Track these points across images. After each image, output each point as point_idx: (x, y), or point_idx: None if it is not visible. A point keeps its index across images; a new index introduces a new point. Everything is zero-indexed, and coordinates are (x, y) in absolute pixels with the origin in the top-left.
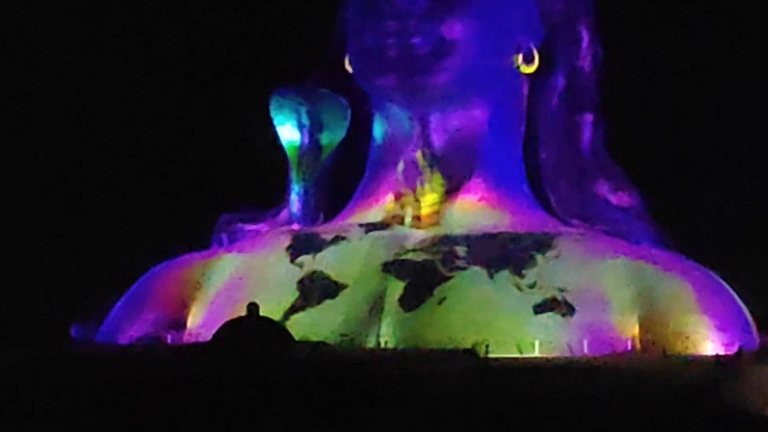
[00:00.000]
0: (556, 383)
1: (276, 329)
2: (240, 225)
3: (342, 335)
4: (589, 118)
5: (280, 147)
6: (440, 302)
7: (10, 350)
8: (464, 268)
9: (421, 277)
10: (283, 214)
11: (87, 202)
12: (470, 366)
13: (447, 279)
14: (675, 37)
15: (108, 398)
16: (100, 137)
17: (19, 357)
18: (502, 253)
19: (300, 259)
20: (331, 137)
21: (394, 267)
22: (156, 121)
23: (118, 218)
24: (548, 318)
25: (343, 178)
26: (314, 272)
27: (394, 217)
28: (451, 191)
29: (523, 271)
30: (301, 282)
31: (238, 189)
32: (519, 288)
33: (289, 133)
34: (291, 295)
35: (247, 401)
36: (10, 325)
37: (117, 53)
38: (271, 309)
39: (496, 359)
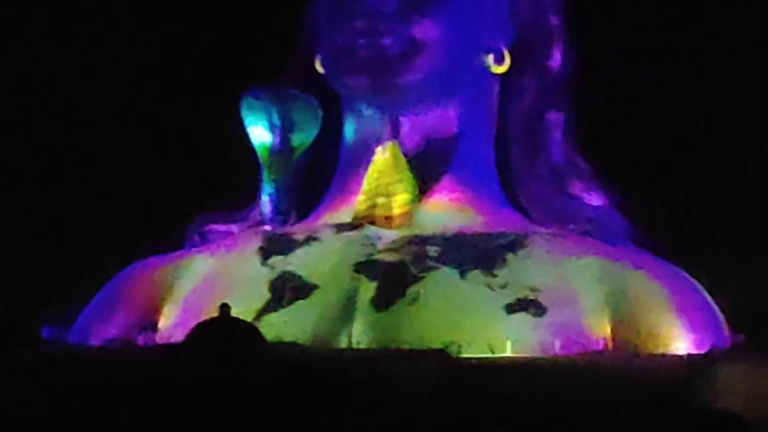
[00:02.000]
0: (528, 383)
1: (248, 330)
2: (212, 226)
3: (314, 336)
4: (560, 117)
5: (252, 148)
6: (412, 302)
7: None
8: (436, 268)
9: (393, 277)
10: (255, 215)
11: (58, 202)
12: (442, 366)
13: (419, 279)
14: (645, 33)
15: (79, 400)
16: (69, 138)
17: None
18: (473, 253)
19: (272, 259)
20: (302, 138)
21: (365, 267)
22: (127, 123)
23: (90, 219)
24: (520, 318)
25: (314, 178)
26: (286, 273)
27: (365, 217)
28: (422, 191)
29: (495, 271)
30: (272, 283)
31: (210, 190)
32: (491, 288)
33: (260, 133)
34: (263, 296)
35: (219, 403)
36: None
37: (90, 57)
38: (243, 310)
39: (468, 359)
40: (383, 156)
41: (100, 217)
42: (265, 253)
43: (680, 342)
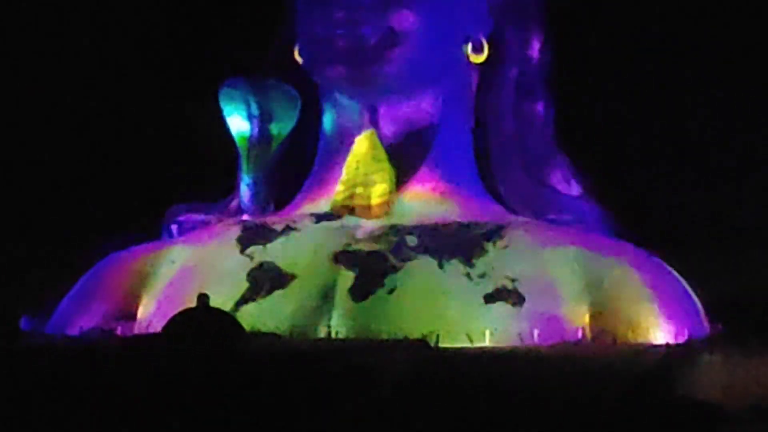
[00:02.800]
0: (507, 372)
1: (226, 320)
2: (190, 216)
3: (292, 326)
4: (538, 107)
5: (230, 137)
6: (390, 292)
7: None
8: (414, 258)
9: (371, 267)
10: (233, 205)
11: (35, 193)
12: (421, 356)
13: (397, 269)
14: (624, 22)
15: (57, 390)
16: (44, 130)
17: None
18: (452, 243)
19: (250, 249)
20: (280, 127)
21: (344, 257)
22: (105, 114)
23: (67, 210)
24: (499, 307)
25: (293, 168)
26: (264, 263)
27: (343, 207)
28: (401, 181)
29: (474, 261)
30: (251, 273)
31: (188, 180)
32: (469, 277)
33: (238, 123)
34: (241, 286)
35: (198, 392)
36: None
37: (66, 50)
38: (221, 300)
39: (447, 349)
40: (362, 146)
41: (77, 207)
42: (244, 243)
43: (659, 332)
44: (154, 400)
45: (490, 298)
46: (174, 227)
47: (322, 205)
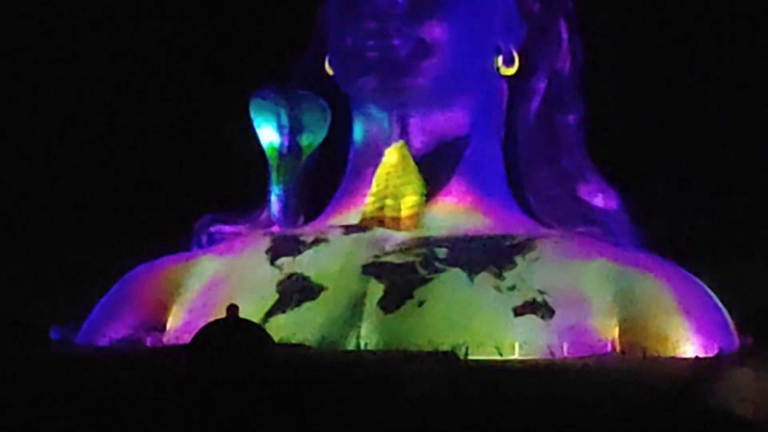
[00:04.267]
0: (536, 385)
1: (256, 331)
2: (220, 227)
3: (322, 337)
4: (569, 120)
5: (260, 149)
6: (420, 304)
7: None
8: (444, 270)
9: (401, 279)
10: (263, 216)
11: (68, 203)
12: (450, 368)
13: (427, 281)
14: (656, 36)
15: (87, 400)
16: (79, 139)
17: None
18: (482, 255)
19: (280, 260)
20: (311, 139)
21: (374, 269)
22: (137, 124)
23: (98, 219)
24: (528, 320)
25: (323, 179)
26: (294, 274)
27: (373, 218)
28: (431, 193)
29: (503, 273)
30: (280, 284)
31: (218, 191)
32: (499, 290)
33: (269, 134)
34: (271, 297)
35: (227, 404)
36: None
37: (102, 58)
38: (250, 311)
39: (476, 361)
40: (392, 157)
41: (108, 217)
42: (274, 255)
43: (688, 345)
44: (183, 412)
45: (519, 311)
46: (204, 238)
47: (352, 216)
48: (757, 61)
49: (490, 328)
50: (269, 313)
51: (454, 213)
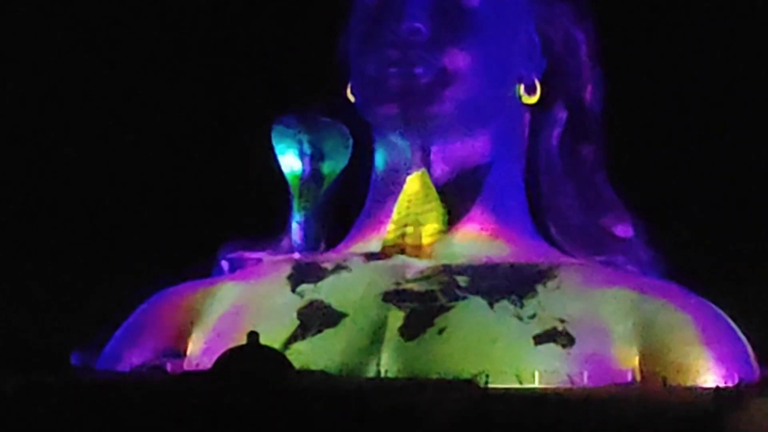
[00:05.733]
0: (556, 414)
1: (276, 358)
2: (241, 253)
3: (342, 364)
4: (590, 148)
5: (282, 176)
6: (440, 332)
7: (10, 376)
8: (465, 298)
9: (422, 306)
10: (285, 243)
11: (89, 228)
12: (470, 396)
13: (447, 309)
14: (679, 66)
15: (107, 426)
16: (100, 166)
17: (19, 383)
18: (502, 284)
19: (300, 287)
20: (332, 166)
21: (394, 296)
22: (161, 151)
23: (120, 245)
24: (548, 348)
25: (344, 207)
26: (315, 301)
27: (394, 246)
28: (452, 221)
29: (524, 302)
30: (301, 311)
31: (240, 217)
32: (519, 318)
33: (290, 161)
34: (291, 324)
35: (247, 430)
36: (11, 352)
37: (126, 86)
38: (271, 338)
39: (496, 389)
40: (413, 185)
41: (129, 243)
42: (294, 281)
43: (709, 375)
44: None
45: (540, 339)
46: (225, 264)
47: (373, 244)
48: None
49: (511, 356)
50: (289, 340)
51: (475, 241)
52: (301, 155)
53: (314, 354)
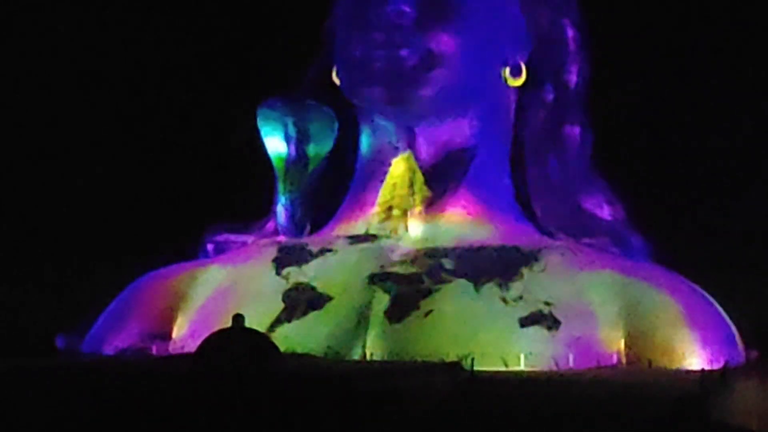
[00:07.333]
0: (542, 397)
1: (261, 341)
2: (226, 236)
3: (327, 347)
4: (576, 131)
5: (267, 158)
6: (426, 315)
7: None
8: (450, 281)
9: (407, 289)
10: (270, 226)
11: (73, 212)
12: (456, 379)
13: (433, 292)
14: (664, 47)
15: (92, 409)
16: (84, 148)
17: (4, 367)
18: (488, 266)
19: (286, 270)
20: (318, 149)
21: (380, 279)
22: (144, 133)
23: (104, 228)
24: (534, 331)
25: (329, 189)
26: (300, 284)
27: (380, 228)
28: (437, 204)
29: (509, 284)
30: (286, 293)
31: (225, 200)
32: (505, 301)
33: (275, 144)
34: (277, 307)
35: (232, 413)
36: None
37: (109, 68)
38: (256, 320)
39: (482, 372)
40: (399, 168)
41: (114, 226)
42: (280, 264)
43: (694, 357)
44: (188, 420)
45: (525, 322)
46: (210, 247)
47: (359, 226)
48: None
49: (496, 338)
50: (275, 323)
51: (460, 224)
52: (287, 138)
53: (300, 337)
